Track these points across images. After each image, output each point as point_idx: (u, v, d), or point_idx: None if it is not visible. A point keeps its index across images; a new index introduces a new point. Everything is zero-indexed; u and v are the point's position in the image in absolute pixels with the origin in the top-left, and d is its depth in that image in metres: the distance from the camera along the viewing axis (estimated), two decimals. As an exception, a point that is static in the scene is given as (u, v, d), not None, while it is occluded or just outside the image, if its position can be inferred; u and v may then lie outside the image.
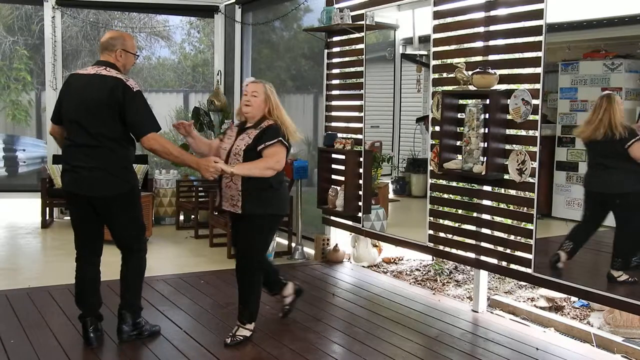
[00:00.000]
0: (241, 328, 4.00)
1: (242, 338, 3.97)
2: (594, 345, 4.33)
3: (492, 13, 4.45)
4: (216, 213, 4.60)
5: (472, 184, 4.65)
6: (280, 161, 3.83)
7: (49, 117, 8.01)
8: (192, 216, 7.65)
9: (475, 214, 4.65)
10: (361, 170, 5.72)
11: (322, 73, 6.36)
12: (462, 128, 4.60)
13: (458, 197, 4.82)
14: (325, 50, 6.24)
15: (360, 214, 5.75)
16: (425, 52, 5.84)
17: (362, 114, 5.75)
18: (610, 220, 4.33)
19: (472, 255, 4.68)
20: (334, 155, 6.07)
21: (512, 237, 4.38)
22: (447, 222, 4.93)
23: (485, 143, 4.41)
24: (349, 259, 6.30)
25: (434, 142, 4.88)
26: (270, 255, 6.09)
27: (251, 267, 3.97)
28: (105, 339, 4.05)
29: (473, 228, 4.67)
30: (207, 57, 10.48)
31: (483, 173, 4.36)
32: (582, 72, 4.64)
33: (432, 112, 4.90)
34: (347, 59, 6.02)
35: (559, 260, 4.28)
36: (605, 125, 4.02)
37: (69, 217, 8.24)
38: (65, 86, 3.89)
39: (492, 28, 4.46)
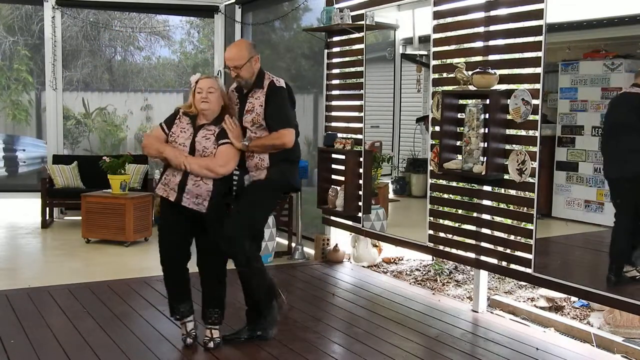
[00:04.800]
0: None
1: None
2: (594, 345, 4.33)
3: (492, 13, 4.45)
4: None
5: (472, 184, 4.65)
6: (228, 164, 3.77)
7: (49, 116, 8.12)
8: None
9: (475, 214, 4.65)
10: (361, 170, 5.72)
11: (322, 73, 6.36)
12: (462, 128, 4.60)
13: (458, 197, 4.82)
14: (325, 50, 6.23)
15: (360, 214, 5.75)
16: (425, 52, 5.84)
17: (362, 114, 5.75)
18: (609, 220, 4.33)
19: (472, 255, 4.68)
20: (334, 155, 6.07)
21: (512, 237, 4.37)
22: (447, 222, 4.93)
23: (485, 143, 4.41)
24: (349, 259, 6.30)
25: (434, 142, 4.88)
26: (269, 256, 6.09)
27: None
28: (106, 339, 4.05)
29: (473, 228, 4.66)
30: (207, 57, 10.48)
31: (483, 173, 4.36)
32: (582, 72, 4.64)
33: (432, 112, 4.90)
34: (347, 59, 6.02)
35: None
36: None
37: (69, 217, 8.29)
38: None
39: (492, 28, 4.46)
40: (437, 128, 4.83)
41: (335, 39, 6.09)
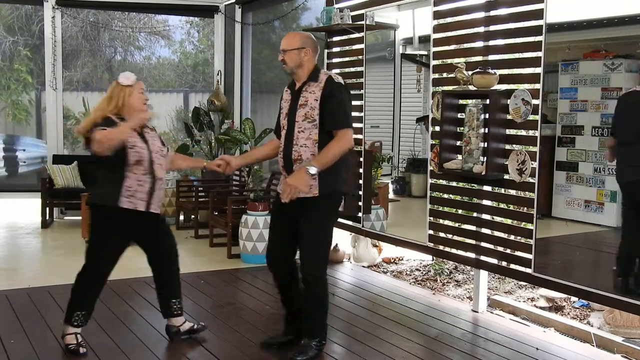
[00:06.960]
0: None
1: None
2: (594, 345, 4.33)
3: (492, 13, 4.45)
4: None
5: (472, 184, 4.65)
6: None
7: (49, 116, 8.12)
8: (192, 216, 7.66)
9: (475, 214, 4.65)
10: (361, 170, 5.72)
11: (322, 73, 6.34)
12: (462, 128, 4.60)
13: (458, 197, 4.82)
14: (325, 50, 6.23)
15: (360, 214, 5.75)
16: (425, 52, 5.84)
17: (362, 114, 5.75)
18: (609, 220, 4.33)
19: (472, 255, 4.67)
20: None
21: (512, 237, 4.37)
22: (447, 222, 4.93)
23: (485, 143, 4.41)
24: (349, 259, 6.30)
25: (434, 142, 4.88)
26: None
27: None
28: (107, 339, 4.05)
29: (473, 228, 4.66)
30: (207, 57, 10.49)
31: (483, 173, 4.36)
32: (582, 72, 4.64)
33: (432, 112, 4.90)
34: (347, 59, 6.02)
35: None
36: None
37: (69, 217, 8.29)
38: None
39: (492, 28, 4.46)
40: (437, 128, 4.83)
41: (335, 39, 6.09)
